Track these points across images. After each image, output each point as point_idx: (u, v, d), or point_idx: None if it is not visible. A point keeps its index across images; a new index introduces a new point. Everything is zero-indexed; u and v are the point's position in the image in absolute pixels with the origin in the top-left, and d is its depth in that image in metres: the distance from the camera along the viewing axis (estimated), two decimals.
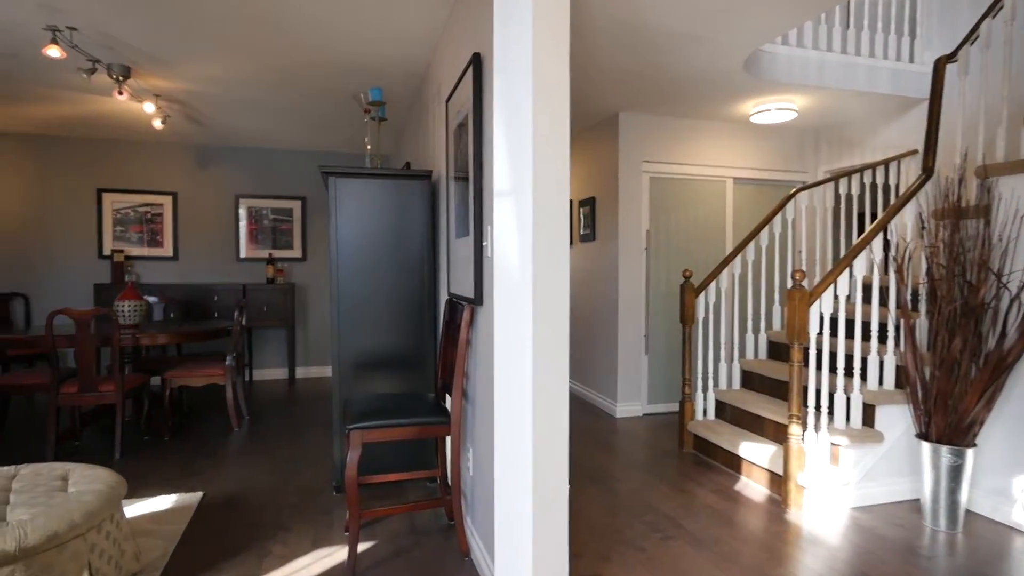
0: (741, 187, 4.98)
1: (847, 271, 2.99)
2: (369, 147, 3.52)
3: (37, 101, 4.40)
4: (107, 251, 5.75)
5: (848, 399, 3.09)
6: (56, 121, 5.03)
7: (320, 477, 3.27)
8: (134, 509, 2.81)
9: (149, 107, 4.05)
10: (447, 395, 2.68)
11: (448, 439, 2.87)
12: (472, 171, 2.29)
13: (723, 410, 3.85)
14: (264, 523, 2.68)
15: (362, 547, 2.47)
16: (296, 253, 6.25)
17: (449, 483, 2.83)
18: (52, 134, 5.56)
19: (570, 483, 3.16)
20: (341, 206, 3.01)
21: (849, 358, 3.38)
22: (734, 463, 3.42)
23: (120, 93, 3.60)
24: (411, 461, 3.17)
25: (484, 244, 2.22)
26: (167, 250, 5.91)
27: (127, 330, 3.97)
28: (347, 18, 2.92)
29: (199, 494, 3.00)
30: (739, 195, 4.97)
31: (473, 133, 2.25)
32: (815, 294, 2.91)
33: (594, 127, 5.00)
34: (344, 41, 3.21)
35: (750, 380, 3.91)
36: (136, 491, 3.05)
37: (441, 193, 3.15)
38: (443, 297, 3.14)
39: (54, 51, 2.85)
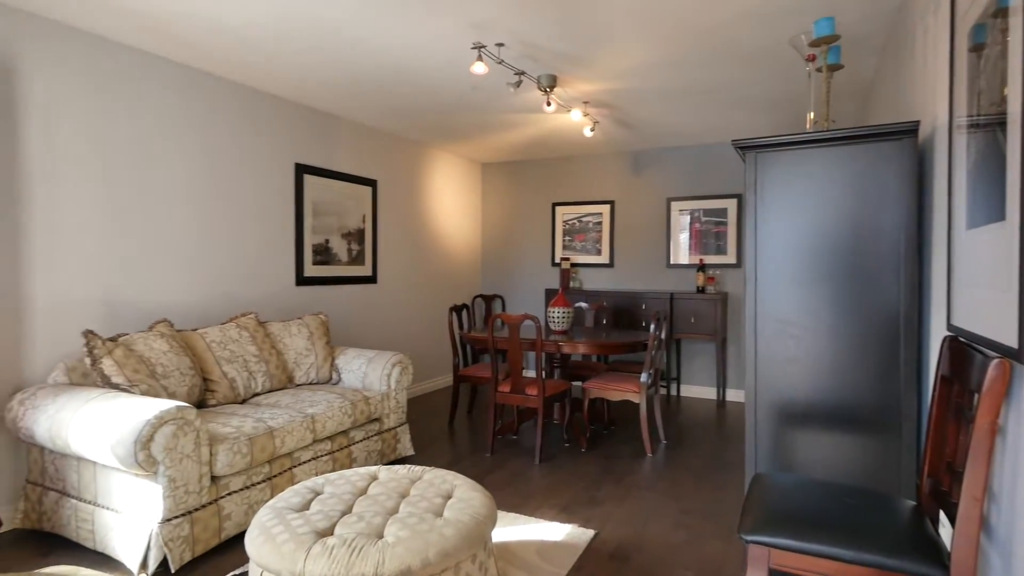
0: None
1: None
2: (812, 115, 2.51)
3: (502, 129, 5.05)
4: (557, 259, 6.32)
5: None
6: (519, 146, 5.75)
7: (730, 555, 2.49)
8: (529, 531, 2.67)
9: (576, 115, 4.06)
10: (940, 511, 1.51)
11: None
12: None
13: None
14: None
15: None
16: (730, 259, 5.52)
17: None
18: (519, 159, 6.46)
19: None
20: (764, 191, 2.16)
21: None
22: None
23: (548, 104, 3.65)
24: None
25: None
26: (604, 257, 6.09)
27: (555, 336, 4.07)
28: None
29: (591, 533, 2.65)
30: None
31: None
32: None
33: None
34: None
35: None
36: (539, 508, 2.95)
37: (935, 159, 1.92)
38: (937, 332, 1.90)
39: (479, 67, 2.98)
